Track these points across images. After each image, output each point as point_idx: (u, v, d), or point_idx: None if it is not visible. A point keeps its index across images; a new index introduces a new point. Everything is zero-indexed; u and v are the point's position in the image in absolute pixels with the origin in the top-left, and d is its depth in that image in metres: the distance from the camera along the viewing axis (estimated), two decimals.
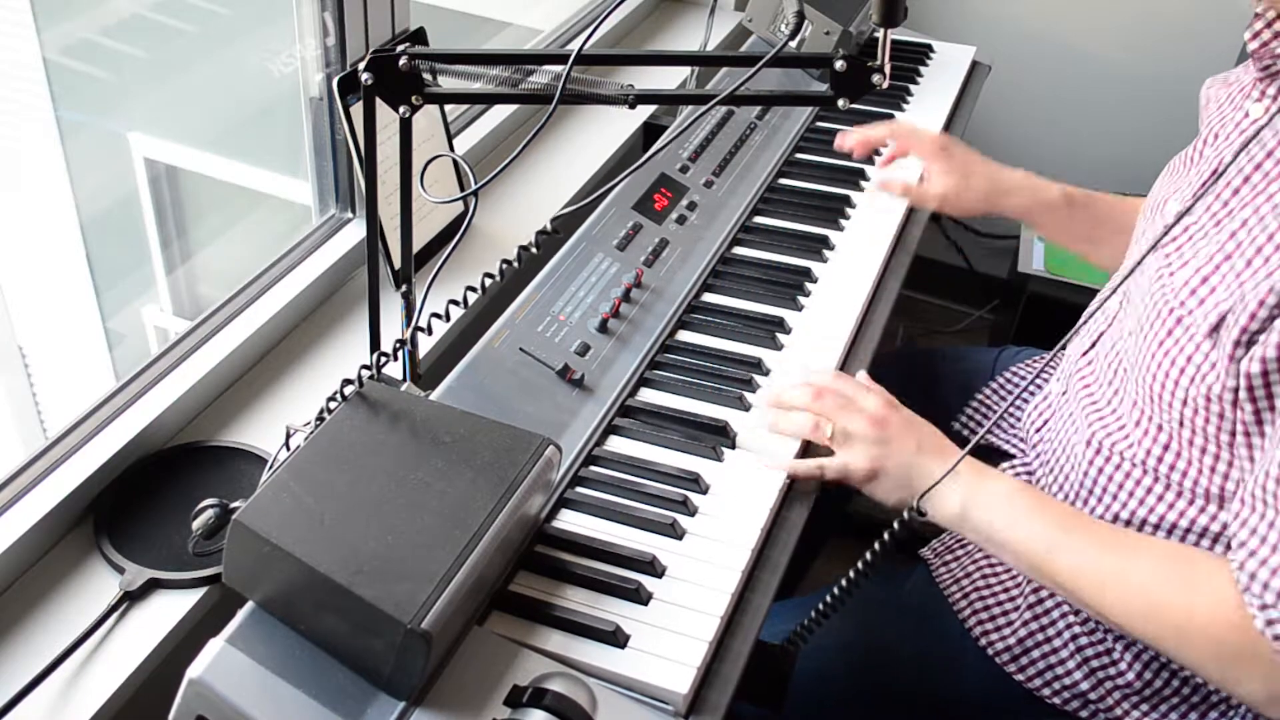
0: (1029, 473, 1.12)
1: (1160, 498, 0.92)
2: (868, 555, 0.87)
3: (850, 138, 1.34)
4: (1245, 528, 0.80)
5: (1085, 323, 1.09)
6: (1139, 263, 0.84)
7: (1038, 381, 1.26)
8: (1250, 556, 0.79)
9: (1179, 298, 0.87)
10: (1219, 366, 0.83)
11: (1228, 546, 0.85)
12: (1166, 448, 0.91)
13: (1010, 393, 1.28)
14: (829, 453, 1.00)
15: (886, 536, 0.87)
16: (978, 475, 0.95)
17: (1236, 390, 0.82)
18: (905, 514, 0.85)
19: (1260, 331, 0.79)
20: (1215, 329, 0.83)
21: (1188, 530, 0.91)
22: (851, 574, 0.87)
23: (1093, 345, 1.04)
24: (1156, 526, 0.92)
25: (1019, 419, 1.22)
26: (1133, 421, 0.94)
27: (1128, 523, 0.94)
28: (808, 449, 1.02)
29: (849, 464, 0.98)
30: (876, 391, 1.02)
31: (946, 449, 0.99)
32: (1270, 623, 0.77)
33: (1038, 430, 1.12)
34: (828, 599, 0.88)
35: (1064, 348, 1.03)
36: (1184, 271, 0.88)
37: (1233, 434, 0.84)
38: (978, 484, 0.94)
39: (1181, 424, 0.88)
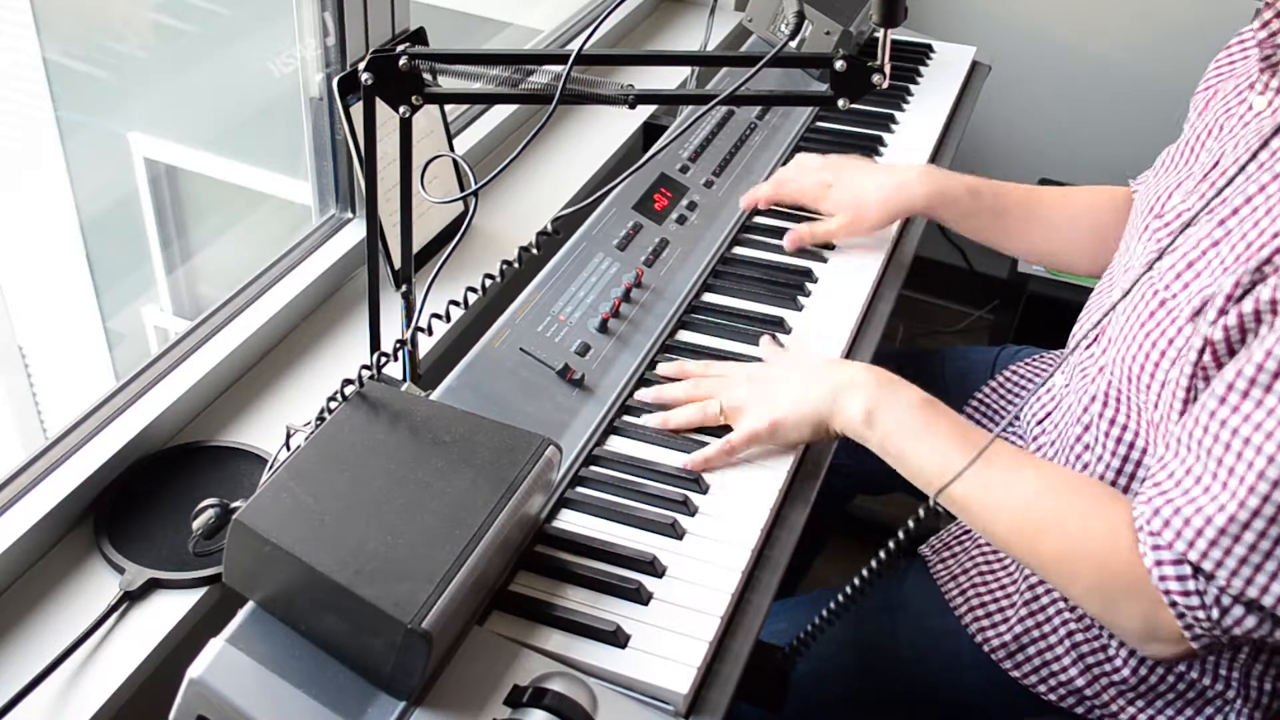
0: None
1: (1131, 477, 0.94)
2: (873, 563, 0.85)
3: (743, 201, 1.29)
4: (1164, 470, 0.82)
5: (1090, 317, 1.10)
6: (1152, 265, 0.84)
7: (1039, 379, 1.26)
8: (1160, 494, 0.81)
9: (1164, 281, 0.88)
10: (1194, 348, 0.83)
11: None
12: (1137, 434, 0.92)
13: (1011, 391, 1.28)
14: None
15: (892, 545, 0.85)
16: (887, 383, 0.97)
17: (1199, 362, 0.82)
18: (911, 522, 0.84)
19: (1232, 305, 0.80)
20: (1197, 313, 0.84)
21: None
22: (857, 581, 0.86)
23: (1094, 340, 1.05)
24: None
25: (1019, 414, 1.22)
26: (1113, 408, 0.94)
27: None
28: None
29: (748, 427, 0.98)
30: (736, 362, 1.06)
31: (831, 361, 1.02)
32: (1159, 562, 0.79)
33: (1039, 423, 1.12)
34: (832, 605, 0.87)
35: (1072, 350, 1.03)
36: (1171, 257, 0.89)
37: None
38: (884, 394, 0.96)
39: (1156, 407, 0.89)
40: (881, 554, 0.83)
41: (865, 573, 0.85)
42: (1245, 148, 0.89)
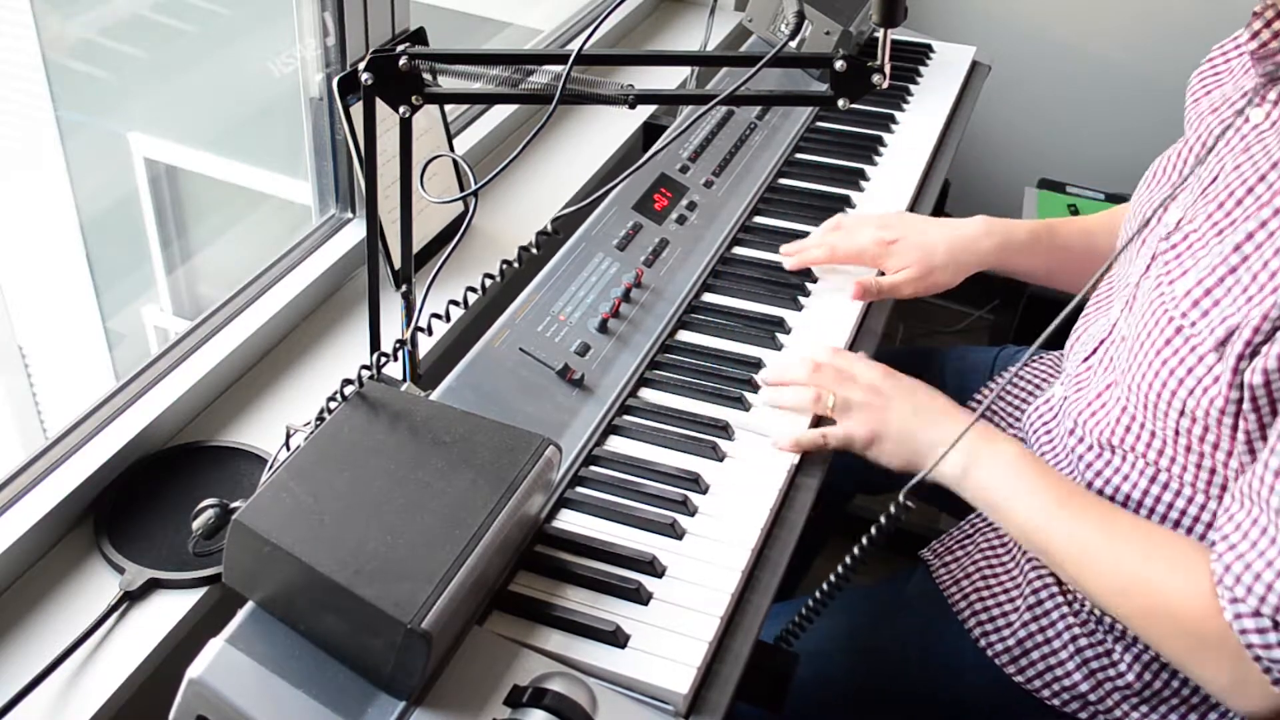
0: None
1: (1158, 497, 0.93)
2: (855, 550, 0.88)
3: (792, 263, 1.22)
4: (1231, 522, 0.82)
5: (1086, 329, 1.09)
6: (1145, 271, 0.84)
7: (1038, 381, 1.26)
8: (1230, 549, 0.80)
9: (1180, 308, 0.87)
10: (1222, 380, 0.83)
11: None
12: (1161, 453, 0.91)
13: (1010, 391, 1.28)
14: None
15: (874, 530, 0.88)
16: (984, 438, 0.97)
17: (1240, 402, 0.82)
18: (892, 507, 0.86)
19: (1264, 343, 0.80)
20: (1222, 343, 0.83)
21: (1177, 523, 0.92)
22: (840, 569, 0.88)
23: (1093, 353, 1.04)
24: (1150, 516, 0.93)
25: (1019, 419, 1.22)
26: (1123, 426, 0.94)
27: None
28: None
29: (850, 430, 1.01)
30: (873, 363, 1.05)
31: (948, 409, 1.01)
32: (1238, 616, 0.79)
33: (1034, 433, 1.12)
34: (817, 594, 0.89)
35: (1080, 361, 1.03)
36: (1184, 281, 0.88)
37: (1231, 442, 0.85)
38: (982, 446, 0.96)
39: (1177, 433, 0.88)
40: (864, 539, 0.85)
41: (848, 560, 0.86)
42: (1252, 166, 0.88)
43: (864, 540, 0.88)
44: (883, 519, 0.87)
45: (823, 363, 1.05)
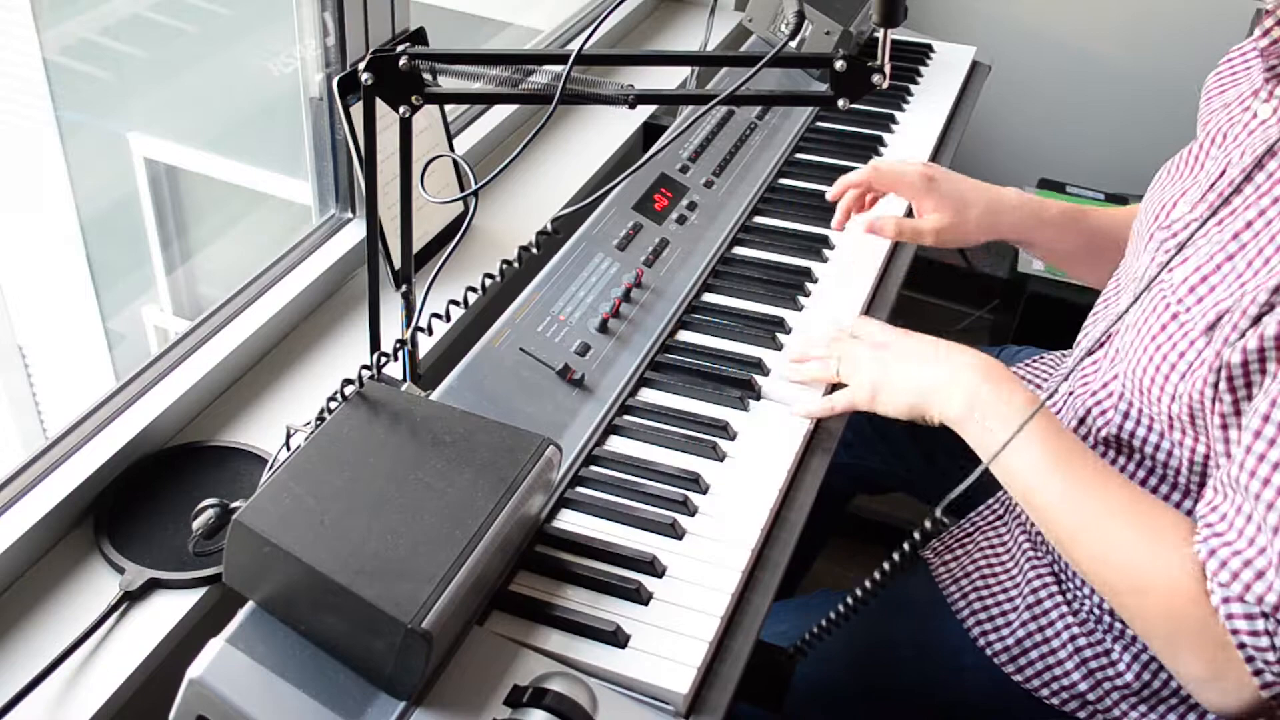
0: None
1: (1154, 487, 0.94)
2: (885, 565, 0.84)
3: (834, 188, 1.28)
4: (1215, 512, 0.81)
5: (1096, 324, 1.10)
6: (1156, 277, 0.84)
7: (1040, 381, 1.26)
8: (1217, 537, 0.80)
9: (1177, 295, 0.88)
10: (1207, 364, 0.83)
11: None
12: (1158, 446, 0.91)
13: None
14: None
15: (906, 546, 0.84)
16: (993, 380, 0.95)
17: (1217, 384, 0.82)
18: (928, 522, 0.83)
19: (1250, 327, 0.80)
20: (1211, 327, 0.83)
21: None
22: (868, 583, 0.85)
23: (1099, 346, 1.05)
24: None
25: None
26: (1121, 414, 0.94)
27: None
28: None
29: (852, 394, 1.03)
30: (873, 320, 1.10)
31: (952, 350, 1.01)
32: (1226, 600, 0.78)
33: None
34: (840, 608, 0.86)
35: (1089, 354, 1.03)
36: (1183, 269, 0.88)
37: (1222, 428, 0.84)
38: (989, 390, 0.95)
39: (1171, 422, 0.88)
40: (886, 565, 0.82)
41: (870, 581, 0.84)
42: (1253, 156, 0.89)
43: (895, 556, 0.83)
44: (916, 534, 0.82)
45: (836, 336, 1.10)
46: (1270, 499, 0.76)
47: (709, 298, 1.19)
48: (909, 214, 1.25)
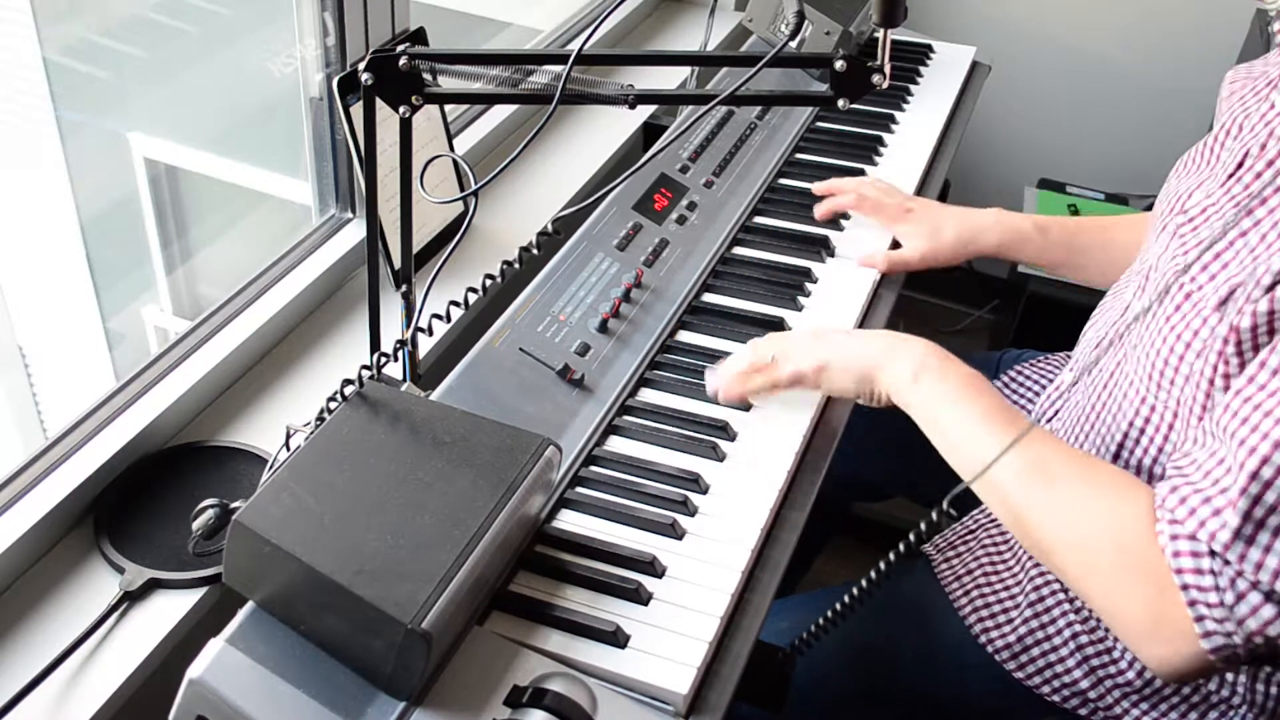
0: None
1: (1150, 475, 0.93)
2: (880, 565, 0.85)
3: (822, 185, 1.35)
4: (1186, 458, 0.82)
5: (1102, 316, 1.10)
6: (1165, 250, 0.84)
7: (1043, 380, 1.26)
8: (1179, 474, 0.81)
9: (1190, 274, 0.87)
10: (1221, 336, 0.82)
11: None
12: (1167, 438, 0.91)
13: (1014, 393, 1.28)
14: None
15: (912, 537, 0.83)
16: (942, 355, 0.98)
17: (1224, 351, 0.82)
18: (934, 514, 0.83)
19: (1263, 296, 0.79)
20: (1224, 302, 0.83)
21: None
22: (864, 583, 0.85)
23: (1104, 337, 1.05)
24: None
25: (1029, 413, 1.22)
26: (1132, 406, 0.94)
27: None
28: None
29: (797, 365, 1.02)
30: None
31: (892, 333, 1.02)
32: (1174, 538, 0.78)
33: (1048, 421, 1.12)
34: (838, 606, 0.86)
35: (1092, 350, 1.03)
36: (1197, 249, 0.88)
37: (1225, 391, 0.84)
38: (938, 360, 0.97)
39: (1179, 405, 0.88)
40: (891, 555, 0.83)
41: (873, 574, 0.84)
42: (1275, 142, 0.89)
43: (900, 547, 0.84)
44: (923, 525, 0.83)
45: (754, 344, 1.07)
46: (1245, 437, 0.76)
47: (709, 298, 1.19)
48: (894, 246, 1.30)
